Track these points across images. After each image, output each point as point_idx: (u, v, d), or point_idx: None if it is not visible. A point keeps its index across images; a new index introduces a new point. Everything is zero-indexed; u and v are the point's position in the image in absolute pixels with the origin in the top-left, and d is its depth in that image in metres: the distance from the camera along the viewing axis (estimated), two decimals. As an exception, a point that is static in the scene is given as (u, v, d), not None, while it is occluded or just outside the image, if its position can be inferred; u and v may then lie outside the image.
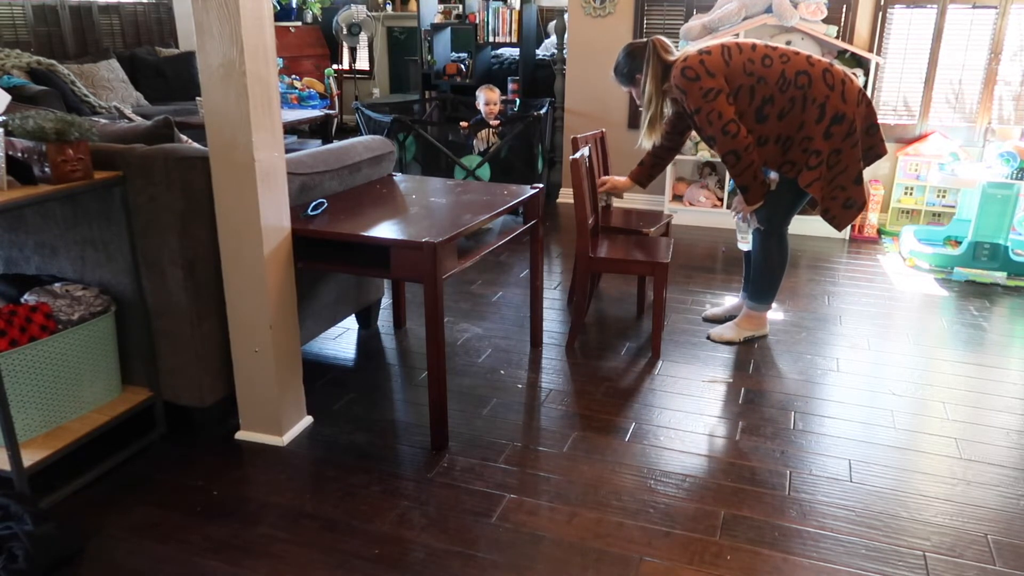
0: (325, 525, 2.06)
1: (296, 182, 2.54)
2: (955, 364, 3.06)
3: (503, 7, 6.14)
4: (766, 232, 3.09)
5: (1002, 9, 4.52)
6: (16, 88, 5.02)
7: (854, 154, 2.87)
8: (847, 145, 2.84)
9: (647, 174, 3.39)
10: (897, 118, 4.88)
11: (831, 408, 2.70)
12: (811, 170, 2.86)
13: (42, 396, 2.16)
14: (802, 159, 2.87)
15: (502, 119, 4.96)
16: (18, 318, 2.08)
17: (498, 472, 2.31)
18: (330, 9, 8.17)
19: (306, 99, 7.29)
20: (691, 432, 2.54)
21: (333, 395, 2.76)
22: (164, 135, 2.42)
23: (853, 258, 4.40)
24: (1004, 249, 3.93)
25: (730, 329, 3.26)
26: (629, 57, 3.00)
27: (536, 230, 2.98)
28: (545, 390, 2.82)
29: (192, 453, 2.39)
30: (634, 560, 1.94)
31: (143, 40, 6.96)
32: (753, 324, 3.25)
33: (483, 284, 3.88)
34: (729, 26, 4.57)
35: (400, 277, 2.36)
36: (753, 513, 2.12)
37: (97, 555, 1.95)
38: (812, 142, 2.84)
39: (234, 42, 2.07)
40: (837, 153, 2.85)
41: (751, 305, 3.25)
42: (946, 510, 2.15)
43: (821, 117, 2.81)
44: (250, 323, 2.32)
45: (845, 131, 2.82)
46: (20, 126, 2.04)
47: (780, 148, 2.89)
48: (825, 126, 2.81)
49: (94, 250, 2.32)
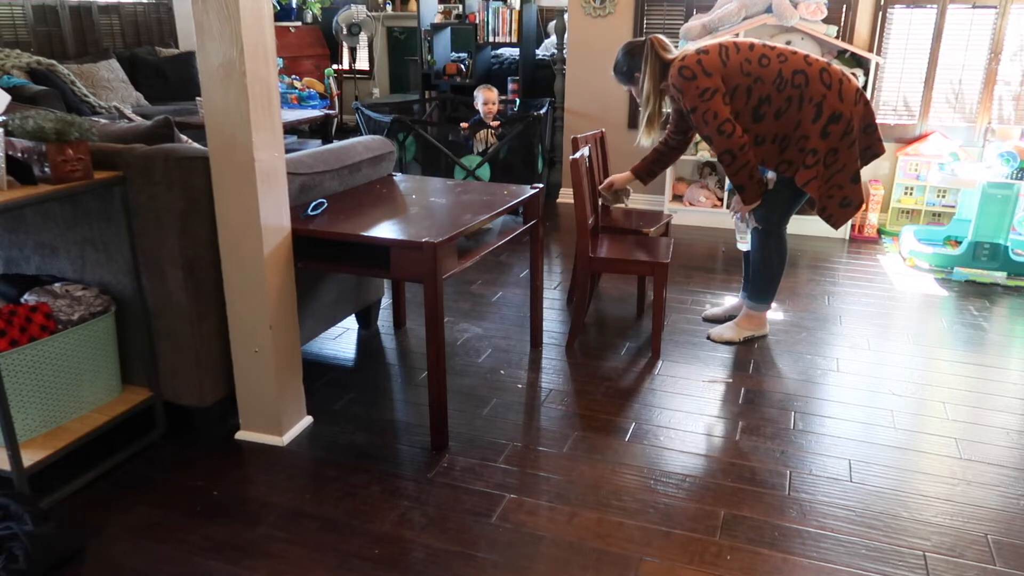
0: (325, 525, 2.06)
1: (296, 182, 2.54)
2: (955, 364, 3.06)
3: (503, 7, 6.14)
4: (764, 231, 3.09)
5: (1002, 9, 4.52)
6: (16, 88, 5.02)
7: (851, 153, 2.87)
8: (844, 144, 2.84)
9: (648, 169, 3.37)
10: (897, 118, 4.88)
11: (831, 408, 2.70)
12: (808, 169, 2.86)
13: (42, 396, 2.16)
14: (799, 158, 2.88)
15: (502, 119, 4.96)
16: (18, 318, 2.08)
17: (498, 472, 2.31)
18: (330, 9, 8.17)
19: (306, 99, 7.29)
20: (691, 432, 2.54)
21: (333, 395, 2.76)
22: (164, 135, 2.41)
23: (853, 258, 4.40)
24: (1004, 249, 3.93)
25: (730, 329, 3.26)
26: (628, 55, 3.00)
27: (536, 230, 2.98)
28: (545, 390, 2.82)
29: (192, 453, 2.39)
30: (634, 560, 1.94)
31: (143, 40, 6.96)
32: (753, 324, 3.25)
33: (483, 284, 3.88)
34: (729, 26, 4.57)
35: (400, 277, 2.36)
36: (753, 513, 2.12)
37: (97, 555, 1.95)
38: (809, 141, 2.84)
39: (234, 42, 2.07)
40: (834, 152, 2.85)
41: (751, 305, 3.25)
42: (946, 510, 2.15)
43: (818, 116, 2.81)
44: (250, 323, 2.32)
45: (842, 130, 2.83)
46: (20, 126, 2.03)
47: (777, 147, 2.89)
48: (822, 125, 2.81)
49: (94, 250, 2.32)
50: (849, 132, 2.84)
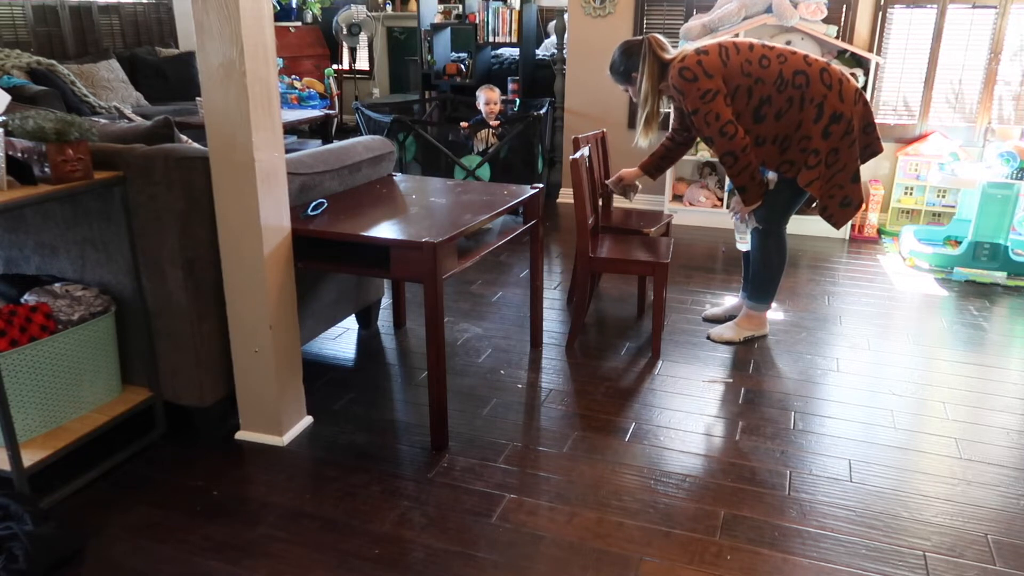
0: (325, 525, 2.06)
1: (296, 182, 2.54)
2: (955, 364, 3.06)
3: (503, 7, 6.14)
4: (764, 231, 3.09)
5: (1002, 9, 4.52)
6: (16, 88, 5.01)
7: (852, 153, 2.87)
8: (845, 144, 2.85)
9: (656, 165, 3.38)
10: (897, 118, 4.88)
11: (831, 408, 2.70)
12: (810, 169, 2.86)
13: (42, 396, 2.16)
14: (800, 158, 2.88)
15: (502, 119, 4.96)
16: (18, 318, 2.08)
17: (498, 472, 2.31)
18: (330, 9, 8.17)
19: (306, 99, 7.29)
20: (691, 432, 2.54)
21: (333, 395, 2.76)
22: (164, 135, 2.42)
23: (853, 258, 4.40)
24: (1004, 249, 3.93)
25: (730, 329, 3.26)
26: (625, 55, 3.00)
27: (536, 230, 2.98)
28: (545, 390, 2.82)
29: (192, 453, 2.39)
30: (634, 560, 1.94)
31: (143, 40, 6.96)
32: (753, 324, 3.25)
33: (483, 284, 3.87)
34: (729, 26, 4.57)
35: (400, 277, 2.36)
36: (753, 513, 2.12)
37: (97, 555, 1.95)
38: (810, 141, 2.84)
39: (234, 42, 2.07)
40: (835, 152, 2.85)
41: (751, 305, 3.25)
42: (946, 510, 2.15)
43: (819, 116, 2.81)
44: (250, 323, 2.32)
45: (843, 130, 2.83)
46: (20, 126, 2.03)
47: (778, 148, 2.89)
48: (823, 125, 2.81)
49: (94, 250, 2.32)
50: (850, 132, 2.84)
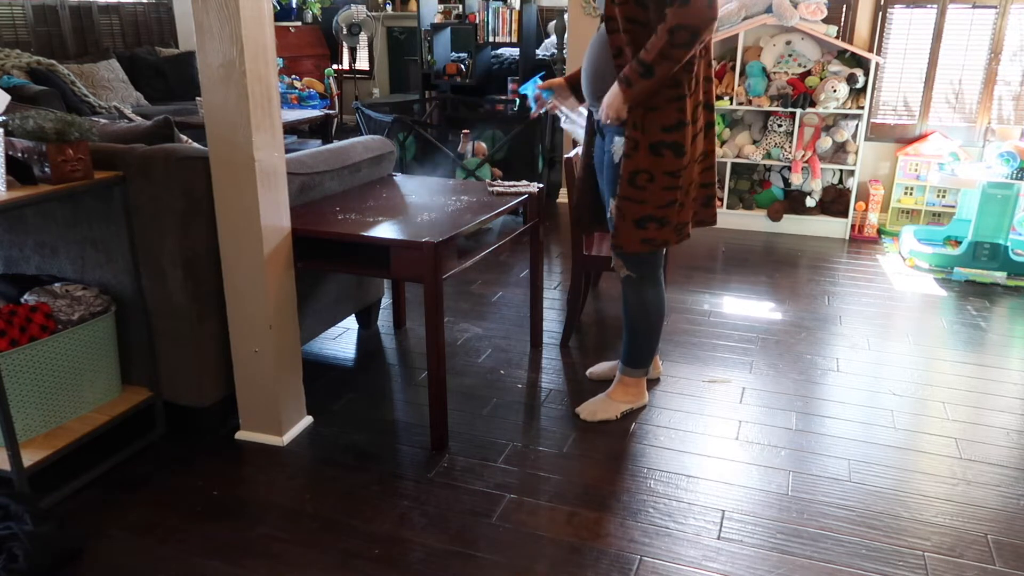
0: (325, 525, 2.06)
1: (296, 182, 2.54)
2: (955, 364, 3.06)
3: (503, 7, 6.14)
4: (638, 279, 2.52)
5: (1002, 9, 4.52)
6: (16, 88, 5.01)
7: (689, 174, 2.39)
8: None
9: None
10: (897, 118, 4.88)
11: (831, 408, 2.70)
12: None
13: (42, 396, 2.16)
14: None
15: (502, 119, 4.96)
16: (18, 318, 2.08)
17: (498, 472, 2.31)
18: (330, 9, 8.17)
19: (306, 99, 7.29)
20: (691, 432, 2.54)
21: (333, 395, 2.76)
22: (164, 135, 2.42)
23: (853, 258, 4.40)
24: (1004, 249, 3.93)
25: (602, 404, 2.64)
26: None
27: (536, 230, 2.98)
28: (545, 390, 2.82)
29: (192, 453, 2.39)
30: (634, 560, 1.94)
31: (143, 40, 6.96)
32: (630, 394, 2.65)
33: (483, 284, 3.87)
34: (729, 26, 4.57)
35: (400, 277, 2.36)
36: (753, 513, 2.12)
37: (97, 555, 1.95)
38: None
39: (234, 42, 2.07)
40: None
41: (626, 371, 2.64)
42: (946, 510, 2.15)
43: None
44: (250, 323, 2.32)
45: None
46: (20, 126, 2.04)
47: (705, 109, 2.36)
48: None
49: (94, 250, 2.32)
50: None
